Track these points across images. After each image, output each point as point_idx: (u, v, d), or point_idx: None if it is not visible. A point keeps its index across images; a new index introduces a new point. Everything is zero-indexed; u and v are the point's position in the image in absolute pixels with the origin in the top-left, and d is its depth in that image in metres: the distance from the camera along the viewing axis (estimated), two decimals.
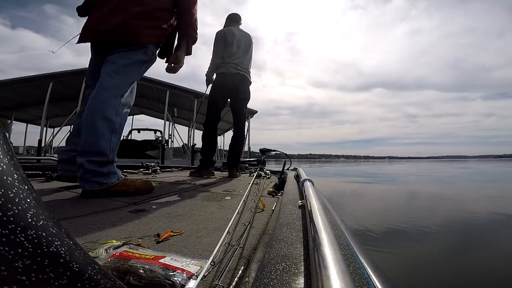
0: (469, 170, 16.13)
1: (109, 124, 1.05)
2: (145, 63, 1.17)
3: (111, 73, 1.09)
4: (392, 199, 4.76)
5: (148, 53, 1.16)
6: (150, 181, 1.26)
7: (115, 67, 1.09)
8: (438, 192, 5.84)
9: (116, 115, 1.08)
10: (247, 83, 2.39)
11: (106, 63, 1.12)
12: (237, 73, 2.28)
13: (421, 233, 2.45)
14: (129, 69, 1.12)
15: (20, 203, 0.15)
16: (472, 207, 3.69)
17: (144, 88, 7.64)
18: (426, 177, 10.21)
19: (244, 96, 2.38)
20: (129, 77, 1.13)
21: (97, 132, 1.03)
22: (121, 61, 1.10)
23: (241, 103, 2.39)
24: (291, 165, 2.50)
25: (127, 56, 1.11)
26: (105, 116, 1.05)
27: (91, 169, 1.01)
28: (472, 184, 7.63)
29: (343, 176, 11.07)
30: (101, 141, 1.03)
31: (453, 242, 2.23)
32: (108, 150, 1.05)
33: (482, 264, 1.77)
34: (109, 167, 1.07)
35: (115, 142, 1.09)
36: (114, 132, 1.08)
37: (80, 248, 0.18)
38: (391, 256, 1.88)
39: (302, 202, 0.75)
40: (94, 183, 1.02)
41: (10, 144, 0.17)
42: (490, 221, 2.94)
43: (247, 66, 2.37)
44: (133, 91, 1.19)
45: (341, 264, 0.25)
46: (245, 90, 2.38)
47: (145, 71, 1.22)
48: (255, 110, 9.11)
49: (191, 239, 0.58)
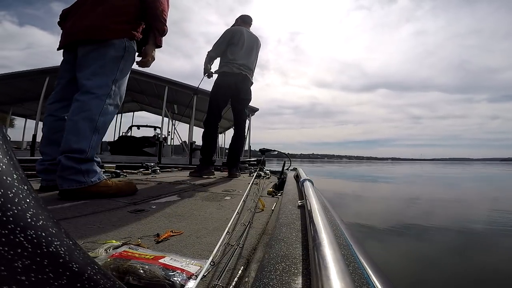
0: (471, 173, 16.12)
1: (91, 123, 1.05)
2: (122, 58, 1.15)
3: (89, 77, 1.08)
4: (392, 200, 4.77)
5: (118, 49, 1.14)
6: (133, 183, 1.23)
7: (92, 70, 1.09)
8: (438, 192, 5.85)
9: (99, 115, 1.07)
10: (249, 84, 2.39)
11: (81, 68, 1.11)
12: (240, 73, 2.28)
13: (421, 233, 2.45)
14: (106, 68, 1.11)
15: (19, 203, 0.15)
16: (473, 208, 3.69)
17: (143, 84, 7.47)
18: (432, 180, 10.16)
19: (245, 97, 2.38)
20: (109, 75, 1.11)
21: (77, 131, 1.02)
22: (96, 63, 1.10)
23: (243, 103, 2.39)
24: (291, 165, 2.51)
25: (99, 56, 1.10)
26: (87, 117, 1.04)
27: (68, 165, 0.99)
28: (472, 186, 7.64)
29: (346, 177, 11.07)
30: (80, 140, 1.02)
31: (453, 242, 2.23)
32: (87, 148, 1.03)
33: (482, 264, 1.77)
34: (88, 165, 1.04)
35: (95, 141, 1.07)
36: (96, 131, 1.06)
37: (79, 248, 0.18)
38: (391, 256, 1.88)
39: (301, 202, 0.75)
40: (73, 182, 0.98)
41: (10, 144, 0.17)
42: (491, 222, 2.94)
43: (251, 67, 2.37)
44: (120, 88, 1.17)
45: (341, 264, 0.25)
46: (246, 91, 2.37)
47: (128, 67, 1.20)
48: (256, 107, 8.83)
49: (191, 239, 0.58)
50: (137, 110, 11.85)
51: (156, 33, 1.26)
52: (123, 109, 10.64)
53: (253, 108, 8.79)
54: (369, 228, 2.57)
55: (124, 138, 7.80)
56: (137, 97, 9.50)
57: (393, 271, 1.60)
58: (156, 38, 1.27)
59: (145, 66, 1.32)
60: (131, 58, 1.20)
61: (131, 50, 1.19)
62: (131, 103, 10.45)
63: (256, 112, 9.08)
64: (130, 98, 9.74)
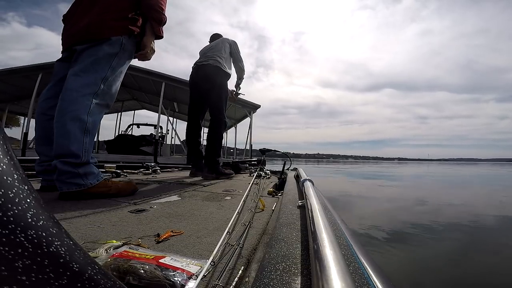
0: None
1: (80, 124, 1.01)
2: (116, 55, 1.12)
3: (78, 73, 1.05)
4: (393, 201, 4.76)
5: (114, 45, 1.11)
6: (133, 182, 1.22)
7: (83, 66, 1.06)
8: (438, 193, 5.84)
9: (88, 115, 1.03)
10: (206, 69, 2.16)
11: (74, 64, 1.09)
12: (195, 66, 2.24)
13: (421, 233, 2.45)
14: (97, 64, 1.08)
15: (20, 203, 0.15)
16: (474, 209, 3.69)
17: (140, 80, 7.26)
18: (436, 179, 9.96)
19: (205, 86, 2.17)
20: (99, 73, 1.08)
21: (68, 134, 0.99)
22: (88, 59, 1.07)
23: (207, 93, 2.18)
24: (291, 165, 2.51)
25: (92, 52, 1.08)
26: (75, 117, 1.01)
27: (65, 170, 0.98)
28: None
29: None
30: (72, 143, 0.99)
31: (453, 243, 2.23)
32: (80, 152, 1.01)
33: (482, 264, 1.77)
34: (86, 167, 1.03)
35: (88, 143, 1.04)
36: (87, 133, 1.04)
37: (80, 248, 0.18)
38: (391, 256, 1.88)
39: (302, 202, 0.75)
40: (72, 185, 0.98)
41: (10, 144, 0.17)
42: (492, 222, 2.94)
43: (207, 53, 2.24)
44: (111, 87, 1.14)
45: (341, 264, 0.25)
46: (206, 78, 2.16)
47: (121, 64, 1.17)
48: (258, 104, 8.38)
49: (191, 239, 0.58)
50: (137, 108, 11.62)
51: (153, 23, 1.22)
52: (122, 107, 10.51)
53: (255, 105, 8.41)
54: (369, 228, 2.57)
55: (121, 136, 7.63)
56: (137, 94, 9.31)
57: (393, 271, 1.60)
58: (154, 28, 1.23)
59: (144, 59, 1.28)
60: (126, 55, 1.17)
61: (128, 48, 1.16)
62: (131, 101, 10.29)
63: (261, 112, 8.78)
64: (129, 96, 9.61)
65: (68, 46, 1.15)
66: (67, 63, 1.16)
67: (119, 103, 9.97)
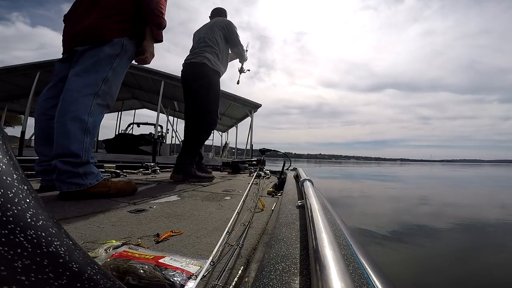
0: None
1: (80, 124, 1.02)
2: (117, 56, 1.13)
3: (79, 73, 1.06)
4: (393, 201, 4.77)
5: (115, 46, 1.12)
6: (133, 182, 1.23)
7: (84, 67, 1.07)
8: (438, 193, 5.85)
9: (88, 115, 1.04)
10: (196, 68, 1.95)
11: (75, 64, 1.10)
12: (184, 63, 2.05)
13: (421, 233, 2.45)
14: (98, 65, 1.09)
15: (19, 203, 0.15)
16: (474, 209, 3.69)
17: (140, 79, 7.23)
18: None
19: (194, 85, 1.97)
20: (100, 73, 1.09)
21: (68, 134, 0.99)
22: (89, 60, 1.08)
23: (196, 93, 1.99)
24: (291, 165, 2.51)
25: (94, 53, 1.09)
26: (76, 117, 1.01)
27: (65, 169, 0.98)
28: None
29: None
30: (72, 143, 0.99)
31: (454, 243, 2.23)
32: (81, 151, 1.01)
33: (482, 265, 1.77)
34: (86, 167, 1.03)
35: (88, 143, 1.05)
36: (87, 133, 1.04)
37: (79, 248, 0.18)
38: (391, 256, 1.88)
39: (301, 202, 0.75)
40: (71, 184, 0.98)
41: (9, 143, 0.17)
42: (492, 222, 2.94)
43: (199, 49, 1.98)
44: (111, 87, 1.15)
45: (341, 264, 0.25)
46: (194, 77, 1.96)
47: (122, 65, 1.18)
48: (259, 103, 8.26)
49: (191, 239, 0.58)
50: (138, 107, 11.55)
51: (152, 27, 1.23)
52: (123, 106, 10.47)
53: (256, 104, 8.33)
54: (369, 228, 2.57)
55: (121, 136, 7.56)
56: (137, 93, 9.26)
57: (393, 271, 1.60)
58: (154, 32, 1.24)
59: (144, 63, 1.29)
60: (127, 56, 1.18)
61: (129, 49, 1.17)
62: (132, 100, 10.24)
63: (263, 112, 8.69)
64: (130, 95, 9.56)
65: (69, 48, 1.15)
66: (68, 64, 1.16)
67: (119, 102, 9.94)
